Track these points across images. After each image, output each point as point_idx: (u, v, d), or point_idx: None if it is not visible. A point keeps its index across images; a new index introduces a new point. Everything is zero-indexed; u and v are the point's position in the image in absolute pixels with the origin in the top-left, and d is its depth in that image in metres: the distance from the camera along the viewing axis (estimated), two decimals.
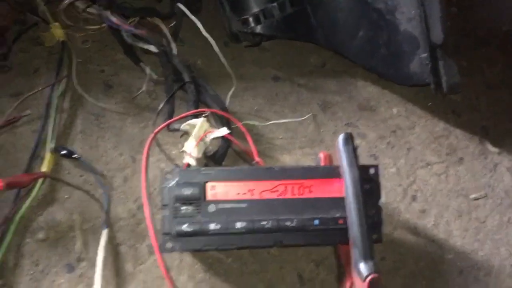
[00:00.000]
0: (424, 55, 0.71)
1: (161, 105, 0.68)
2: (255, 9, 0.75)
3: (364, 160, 0.71)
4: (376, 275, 0.51)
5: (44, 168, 0.62)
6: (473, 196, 0.72)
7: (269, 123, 0.73)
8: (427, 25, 0.69)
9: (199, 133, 0.62)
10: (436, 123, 0.79)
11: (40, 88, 0.69)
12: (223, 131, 0.63)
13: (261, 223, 0.55)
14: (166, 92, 0.71)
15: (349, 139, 0.57)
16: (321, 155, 0.63)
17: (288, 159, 0.71)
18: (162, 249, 0.55)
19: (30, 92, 0.69)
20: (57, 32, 0.73)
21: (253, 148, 0.66)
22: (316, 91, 0.79)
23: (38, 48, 0.75)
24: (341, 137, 0.57)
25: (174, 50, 0.74)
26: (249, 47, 0.81)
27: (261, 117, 0.74)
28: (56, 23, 0.74)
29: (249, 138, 0.67)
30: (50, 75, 0.71)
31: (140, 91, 0.73)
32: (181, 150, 0.63)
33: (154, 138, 0.63)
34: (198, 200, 0.55)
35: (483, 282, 0.64)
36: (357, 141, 0.74)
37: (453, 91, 0.72)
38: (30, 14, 0.76)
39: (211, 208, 0.55)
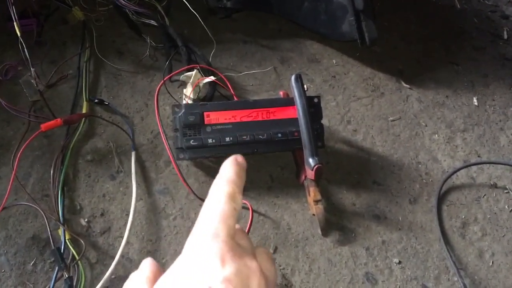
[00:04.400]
0: (352, 18, 0.98)
1: (167, 63, 0.92)
2: None
3: None
4: (320, 165, 0.78)
5: (84, 112, 0.86)
6: (391, 118, 1.00)
7: (242, 74, 0.99)
8: None
9: (194, 81, 0.88)
10: (364, 69, 1.07)
11: (70, 57, 0.93)
12: (211, 78, 0.88)
13: (243, 138, 0.81)
14: (166, 55, 0.96)
15: (298, 77, 0.83)
16: (281, 93, 0.90)
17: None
18: (176, 158, 0.81)
19: (63, 60, 0.92)
20: (78, 13, 0.96)
21: (232, 92, 0.92)
22: (275, 49, 1.06)
23: (63, 26, 0.98)
24: (293, 77, 0.83)
25: (168, 23, 0.98)
26: (223, 19, 1.07)
27: (235, 70, 1.00)
28: (76, 7, 0.97)
29: (229, 85, 0.93)
30: (75, 47, 0.95)
31: (144, 55, 0.97)
32: (184, 96, 0.89)
33: (162, 85, 0.87)
34: (199, 124, 0.80)
35: (396, 174, 0.92)
36: (307, 84, 1.02)
37: (373, 44, 1.00)
38: (54, 0, 0.98)
39: (208, 129, 0.81)
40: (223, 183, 0.33)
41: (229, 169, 0.34)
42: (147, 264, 0.32)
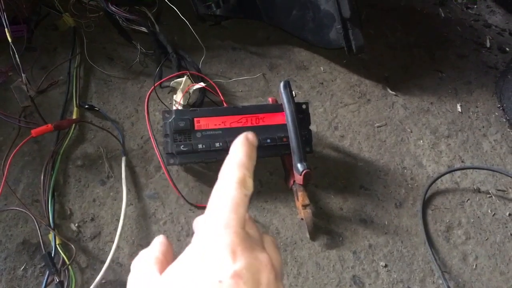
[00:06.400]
0: (339, 26, 1.00)
1: (157, 69, 0.93)
2: None
3: None
4: (308, 170, 0.79)
5: (74, 117, 0.87)
6: (377, 124, 1.02)
7: (231, 80, 1.01)
8: (339, 5, 0.98)
9: (184, 87, 0.89)
10: (351, 76, 1.09)
11: (61, 63, 0.94)
12: (201, 84, 0.90)
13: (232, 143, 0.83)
14: (156, 61, 0.97)
15: (287, 84, 0.85)
16: (269, 99, 0.92)
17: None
18: (167, 163, 0.81)
19: (54, 66, 0.93)
20: (68, 20, 0.97)
21: (221, 98, 0.94)
22: (264, 56, 1.08)
23: (53, 33, 0.99)
24: (281, 83, 0.85)
25: (158, 30, 0.99)
26: (213, 26, 1.08)
27: (225, 77, 1.02)
28: (67, 13, 0.97)
29: (218, 91, 0.94)
30: (66, 53, 0.96)
31: (135, 61, 0.98)
32: (174, 101, 0.90)
33: (152, 91, 0.88)
34: (189, 129, 0.81)
35: (382, 179, 0.94)
36: (296, 91, 1.03)
37: (360, 51, 1.02)
38: (44, 6, 0.99)
39: (198, 134, 0.82)
40: (233, 167, 0.30)
41: (239, 150, 0.31)
42: (158, 243, 0.31)
